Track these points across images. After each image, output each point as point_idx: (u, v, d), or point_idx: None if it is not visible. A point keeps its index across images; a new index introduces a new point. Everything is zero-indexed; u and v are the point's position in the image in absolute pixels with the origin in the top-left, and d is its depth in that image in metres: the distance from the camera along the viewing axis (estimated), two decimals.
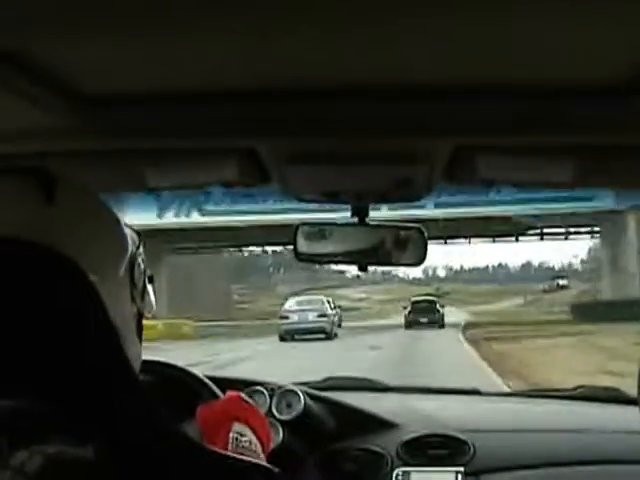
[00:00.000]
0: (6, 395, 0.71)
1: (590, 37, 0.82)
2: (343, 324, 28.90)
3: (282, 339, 20.23)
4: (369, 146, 1.17)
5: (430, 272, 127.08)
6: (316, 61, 0.91)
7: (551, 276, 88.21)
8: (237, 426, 1.09)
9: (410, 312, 33.56)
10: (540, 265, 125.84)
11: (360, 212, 1.38)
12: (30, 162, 0.86)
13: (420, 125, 1.06)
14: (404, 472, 1.78)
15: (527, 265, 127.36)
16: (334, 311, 23.03)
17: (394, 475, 1.77)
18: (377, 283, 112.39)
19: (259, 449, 1.09)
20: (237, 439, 1.07)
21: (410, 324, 32.19)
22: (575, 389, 2.36)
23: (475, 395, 2.42)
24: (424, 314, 32.90)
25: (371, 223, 1.40)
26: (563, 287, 77.84)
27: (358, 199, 1.37)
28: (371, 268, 1.55)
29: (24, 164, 0.83)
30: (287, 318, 20.92)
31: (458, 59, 0.90)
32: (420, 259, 1.48)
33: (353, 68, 0.93)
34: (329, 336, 20.83)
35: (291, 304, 21.91)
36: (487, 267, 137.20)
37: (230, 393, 1.20)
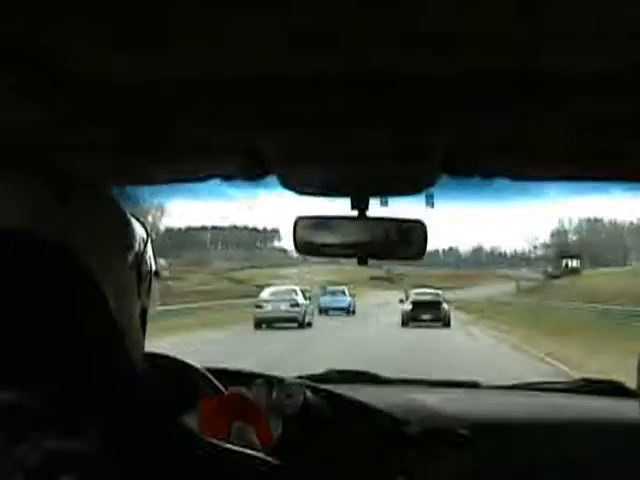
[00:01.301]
0: (6, 389, 0.71)
1: (589, 28, 0.82)
2: None
3: (257, 326, 21.74)
4: (369, 140, 1.17)
5: None
6: (316, 56, 0.91)
7: (557, 254, 73.12)
8: (238, 423, 1.09)
9: (412, 308, 27.58)
10: (492, 250, 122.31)
11: (360, 206, 1.38)
12: (31, 155, 0.86)
13: (420, 119, 1.06)
14: (405, 466, 1.78)
15: (478, 250, 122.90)
16: (307, 301, 24.34)
17: (395, 469, 1.78)
18: (324, 263, 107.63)
19: (259, 447, 1.10)
20: (237, 436, 1.07)
21: (408, 321, 26.74)
22: (576, 382, 2.36)
23: (475, 388, 2.43)
24: (426, 310, 27.65)
25: (370, 216, 1.41)
26: (574, 271, 59.96)
27: (358, 192, 1.37)
28: None
29: (25, 156, 0.83)
30: (261, 307, 22.77)
31: (457, 52, 0.90)
32: (420, 252, 1.48)
33: (353, 63, 0.93)
34: (302, 325, 22.33)
35: (265, 294, 23.49)
36: (437, 251, 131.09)
37: (232, 389, 1.20)
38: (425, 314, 26.97)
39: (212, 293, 46.95)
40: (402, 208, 1.50)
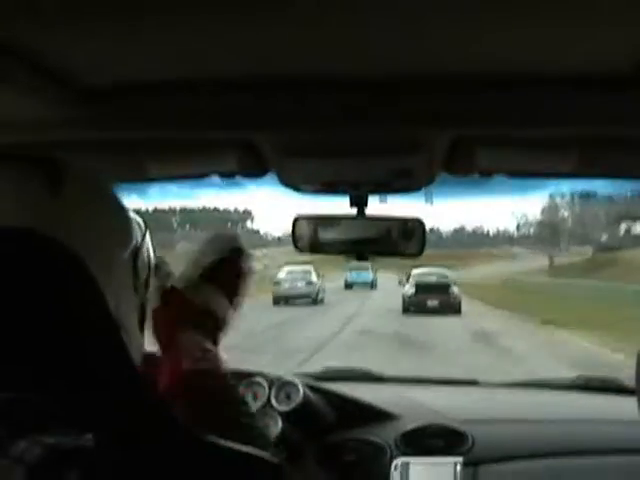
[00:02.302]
0: (6, 385, 0.71)
1: (591, 29, 0.82)
2: None
3: (275, 303, 23.59)
4: (368, 137, 1.17)
5: None
6: (315, 53, 0.91)
7: (618, 217, 55.43)
8: (185, 334, 1.02)
9: (415, 292, 22.06)
10: (474, 230, 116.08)
11: (359, 203, 1.38)
12: (31, 152, 0.86)
13: (419, 116, 1.06)
14: (403, 462, 1.78)
15: (460, 230, 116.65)
16: (319, 280, 26.23)
17: (393, 465, 1.78)
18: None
19: (214, 350, 1.03)
20: (187, 347, 1.00)
21: (410, 307, 21.63)
22: (574, 379, 2.36)
23: (473, 385, 2.43)
24: (433, 294, 21.86)
25: (369, 214, 1.40)
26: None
27: (357, 190, 1.37)
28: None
29: (25, 154, 0.83)
30: (279, 285, 24.92)
31: (458, 50, 0.90)
32: (419, 249, 1.48)
33: (351, 60, 0.93)
34: (315, 301, 24.53)
35: (283, 274, 25.52)
36: None
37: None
38: (431, 299, 21.72)
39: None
40: (401, 205, 1.49)
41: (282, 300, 24.02)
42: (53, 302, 0.74)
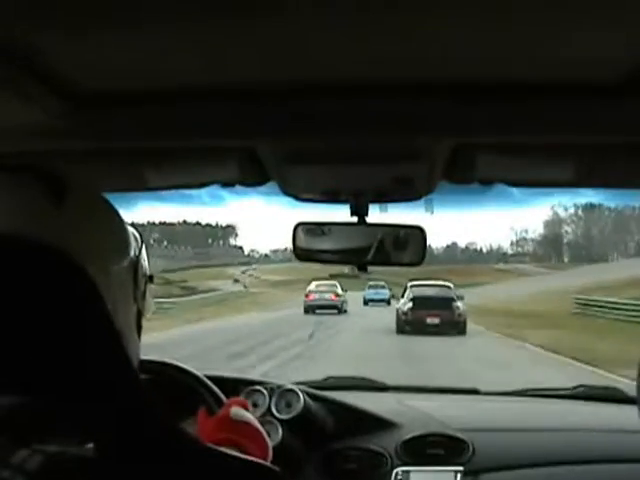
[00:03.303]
0: (7, 393, 0.71)
1: (590, 37, 0.82)
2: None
3: (306, 312, 26.53)
4: (368, 145, 1.17)
5: None
6: (315, 60, 0.91)
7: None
8: (224, 445, 1.08)
9: (412, 307, 18.37)
10: (467, 246, 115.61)
11: (359, 211, 1.38)
12: (29, 161, 0.86)
13: (420, 123, 1.06)
14: (403, 471, 1.77)
15: (452, 246, 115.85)
16: (343, 293, 28.97)
17: (393, 474, 1.77)
18: (284, 261, 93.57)
19: None
20: None
21: (405, 326, 18.16)
22: (574, 388, 2.36)
23: (474, 394, 2.42)
24: (433, 310, 18.16)
25: (370, 222, 1.40)
26: None
27: (357, 198, 1.37)
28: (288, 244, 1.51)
29: (24, 162, 0.83)
30: (309, 297, 27.98)
31: (458, 58, 0.90)
32: (419, 258, 1.48)
33: (352, 68, 0.93)
34: (340, 311, 26.97)
35: (312, 287, 28.62)
36: None
37: (225, 409, 1.17)
38: (431, 316, 18.11)
39: None
40: (402, 215, 1.49)
41: (311, 310, 26.59)
42: (55, 310, 0.74)
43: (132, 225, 0.92)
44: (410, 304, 18.58)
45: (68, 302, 0.74)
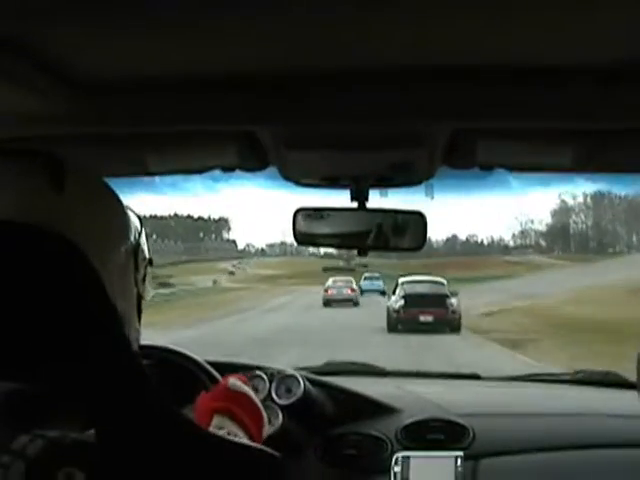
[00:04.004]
0: (7, 379, 0.71)
1: (590, 22, 0.82)
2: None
3: (325, 305, 28.71)
4: (368, 130, 1.17)
5: None
6: (315, 46, 0.90)
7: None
8: (216, 419, 1.09)
9: (404, 304, 17.54)
10: (468, 239, 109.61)
11: (359, 197, 1.38)
12: (32, 147, 0.86)
13: (419, 109, 1.05)
14: (404, 456, 1.78)
15: (452, 239, 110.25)
16: (357, 287, 32.52)
17: (394, 459, 1.78)
18: (280, 255, 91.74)
19: (243, 438, 1.09)
20: (217, 429, 1.07)
21: (397, 324, 17.33)
22: (575, 373, 2.36)
23: (474, 379, 2.43)
24: (426, 307, 17.36)
25: (370, 208, 1.40)
26: None
27: (357, 183, 1.37)
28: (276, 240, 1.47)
29: (26, 149, 0.83)
30: (327, 291, 30.80)
31: (458, 43, 0.90)
32: (419, 244, 1.47)
33: (352, 53, 0.93)
34: (355, 304, 29.36)
35: (330, 283, 31.56)
36: None
37: (222, 380, 1.20)
38: (424, 314, 17.39)
39: None
40: (404, 199, 1.49)
41: (330, 303, 29.13)
42: (56, 296, 0.74)
43: (131, 210, 0.92)
44: (402, 302, 17.72)
45: (68, 287, 0.74)
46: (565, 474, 1.78)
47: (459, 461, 1.76)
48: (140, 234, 0.92)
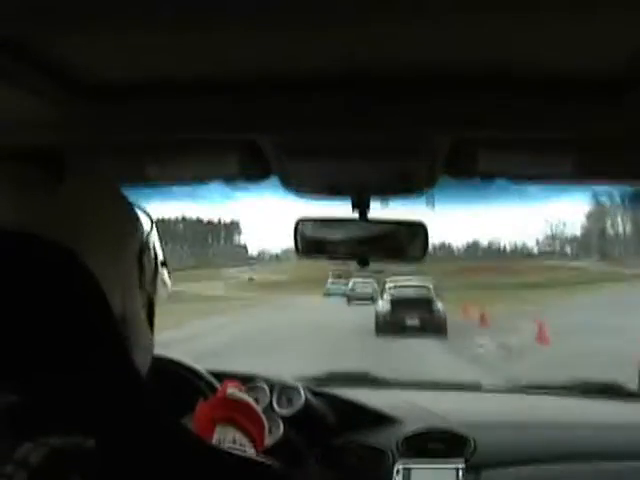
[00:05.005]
0: (9, 388, 0.71)
1: (589, 32, 0.82)
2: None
3: (348, 301, 34.80)
4: (370, 140, 1.17)
5: None
6: (317, 56, 0.91)
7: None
8: (219, 428, 1.09)
9: (391, 308, 18.29)
10: (490, 245, 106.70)
11: (361, 207, 1.38)
12: (31, 152, 0.86)
13: (421, 119, 1.06)
14: (405, 467, 1.77)
15: (473, 246, 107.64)
16: (377, 286, 34.64)
17: (395, 470, 1.77)
18: (284, 261, 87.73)
19: (248, 446, 1.09)
20: (220, 441, 1.07)
21: (385, 326, 17.78)
22: (576, 384, 2.36)
23: (475, 390, 2.42)
24: (412, 311, 18.08)
25: (371, 218, 1.40)
26: None
27: (358, 193, 1.37)
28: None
29: (25, 154, 0.83)
30: (353, 290, 36.61)
31: (459, 53, 0.90)
32: (421, 254, 1.47)
33: (354, 61, 0.93)
34: (374, 301, 29.13)
35: (352, 284, 37.32)
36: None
37: (220, 389, 1.20)
38: (411, 318, 18.01)
39: None
40: (403, 210, 1.49)
41: (352, 299, 35.01)
42: (54, 303, 0.74)
43: (141, 208, 0.90)
44: (389, 306, 18.41)
45: (66, 294, 0.74)
46: None
47: (460, 472, 1.76)
48: (149, 234, 0.90)
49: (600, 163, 1.24)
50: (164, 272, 0.93)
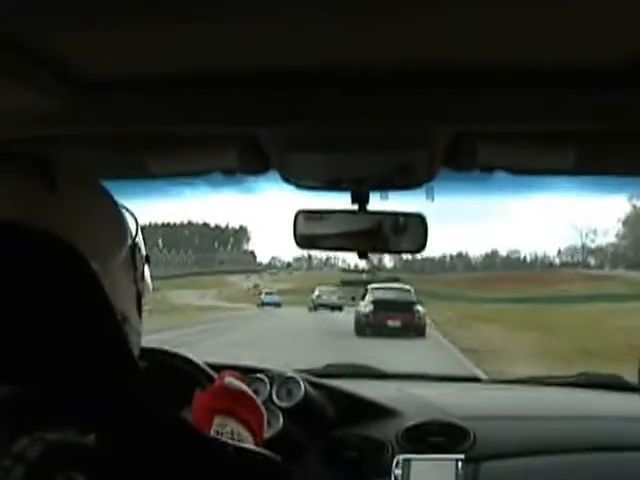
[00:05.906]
0: (7, 382, 0.71)
1: (591, 24, 0.82)
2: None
3: (315, 309, 35.04)
4: (369, 132, 1.16)
5: (375, 261, 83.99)
6: (316, 48, 0.90)
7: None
8: (218, 419, 1.09)
9: (373, 310, 18.52)
10: (509, 255, 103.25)
11: (360, 199, 1.38)
12: (29, 147, 0.86)
13: (420, 111, 1.05)
14: (404, 459, 1.78)
15: (492, 255, 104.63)
16: (344, 295, 38.18)
17: (394, 462, 1.77)
18: (292, 269, 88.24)
19: (247, 438, 1.09)
20: (218, 432, 1.06)
21: (366, 328, 18.12)
22: (576, 376, 2.36)
23: (475, 382, 2.43)
24: (393, 313, 18.26)
25: (370, 210, 1.40)
26: None
27: (358, 186, 1.37)
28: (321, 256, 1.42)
29: (23, 149, 0.83)
30: (320, 297, 37.19)
31: (459, 45, 0.89)
32: (420, 246, 1.47)
33: (354, 54, 0.93)
34: (341, 309, 34.26)
35: (319, 292, 37.89)
36: (444, 257, 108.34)
37: (218, 379, 1.19)
38: (392, 319, 18.20)
39: None
40: (403, 202, 1.49)
41: (318, 307, 35.26)
42: (52, 298, 0.74)
43: (125, 208, 0.92)
44: (371, 307, 18.72)
45: (65, 290, 0.74)
46: (567, 477, 1.78)
47: (460, 464, 1.76)
48: (136, 233, 0.92)
49: (601, 156, 1.24)
50: (147, 269, 0.95)
